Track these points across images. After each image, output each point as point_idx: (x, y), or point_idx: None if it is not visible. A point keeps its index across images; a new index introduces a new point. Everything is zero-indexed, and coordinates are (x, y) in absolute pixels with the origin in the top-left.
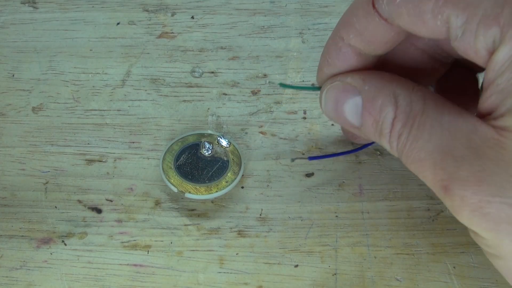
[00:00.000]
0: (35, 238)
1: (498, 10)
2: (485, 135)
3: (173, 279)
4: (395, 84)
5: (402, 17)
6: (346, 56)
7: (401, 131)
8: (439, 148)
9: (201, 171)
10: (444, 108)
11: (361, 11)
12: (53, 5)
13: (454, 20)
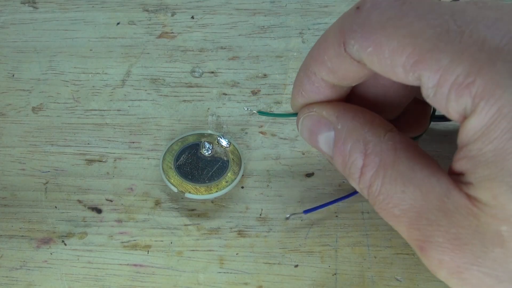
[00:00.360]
0: (35, 238)
1: (471, 79)
2: (458, 202)
3: (173, 279)
4: (367, 128)
5: (374, 64)
6: (320, 89)
7: (372, 181)
8: (413, 208)
9: (201, 171)
10: (415, 162)
11: (333, 52)
12: (53, 5)
13: (426, 80)
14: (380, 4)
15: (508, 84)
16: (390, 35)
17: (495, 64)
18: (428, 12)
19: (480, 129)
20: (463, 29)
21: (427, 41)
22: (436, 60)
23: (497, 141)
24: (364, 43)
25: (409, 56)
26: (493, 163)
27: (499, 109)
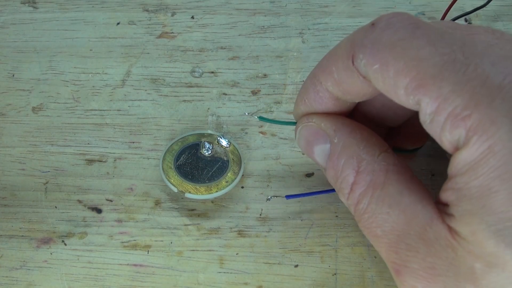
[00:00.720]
0: (35, 238)
1: (468, 112)
2: (439, 233)
3: (173, 279)
4: (362, 146)
5: (378, 82)
6: (323, 99)
7: (359, 198)
8: (394, 231)
9: (201, 171)
10: (405, 186)
11: (341, 64)
12: (53, 5)
13: (424, 106)
14: (394, 24)
15: (503, 122)
16: (397, 55)
17: (494, 100)
18: (439, 39)
19: (469, 163)
20: (469, 61)
21: (432, 67)
22: (438, 88)
23: (484, 177)
24: (372, 59)
25: (412, 79)
26: (476, 199)
27: (490, 146)
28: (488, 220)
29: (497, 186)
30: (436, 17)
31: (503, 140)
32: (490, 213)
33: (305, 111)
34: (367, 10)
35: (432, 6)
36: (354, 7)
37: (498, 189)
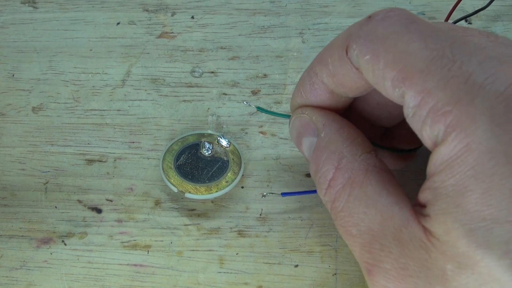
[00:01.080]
0: (35, 238)
1: (449, 108)
2: (414, 234)
3: (173, 279)
4: (346, 143)
5: (368, 73)
6: (318, 92)
7: (337, 196)
8: (370, 231)
9: (201, 171)
10: (383, 187)
11: (336, 54)
12: (53, 5)
13: (408, 99)
14: (390, 18)
15: (482, 120)
16: (388, 48)
17: (475, 98)
18: (431, 35)
19: (446, 160)
20: (456, 59)
21: (419, 61)
22: (422, 81)
23: (460, 176)
24: (364, 49)
25: (399, 72)
26: (452, 198)
27: (468, 144)
28: (462, 219)
29: (472, 185)
30: (436, 17)
31: (481, 138)
32: (464, 212)
33: (300, 103)
34: (367, 10)
35: (432, 6)
36: (354, 7)
37: (472, 188)
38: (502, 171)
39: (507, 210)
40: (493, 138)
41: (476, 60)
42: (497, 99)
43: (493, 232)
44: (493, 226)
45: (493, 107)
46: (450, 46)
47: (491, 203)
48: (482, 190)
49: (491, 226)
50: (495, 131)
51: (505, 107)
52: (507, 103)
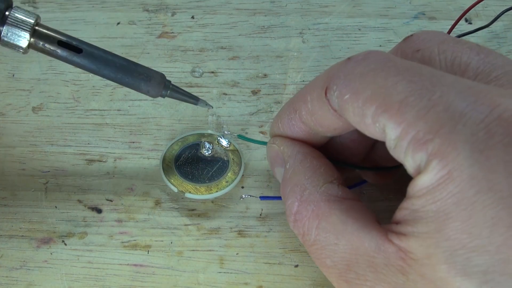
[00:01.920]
0: (35, 238)
1: (430, 136)
2: (389, 257)
3: (173, 279)
4: (308, 175)
5: (348, 113)
6: (295, 128)
7: (305, 229)
8: (344, 261)
9: (201, 171)
10: (348, 215)
11: (315, 94)
12: (53, 5)
13: (389, 131)
14: (368, 58)
15: (463, 148)
16: (366, 85)
17: (456, 126)
18: (409, 70)
19: (428, 186)
20: (436, 89)
21: (398, 94)
22: (402, 113)
23: (441, 203)
24: (343, 90)
25: (378, 106)
26: (433, 224)
27: (449, 171)
28: (443, 246)
29: (453, 212)
30: (436, 17)
31: (462, 166)
32: (445, 238)
33: (277, 133)
34: (367, 10)
35: (432, 6)
36: (354, 7)
37: (454, 216)
38: (483, 199)
39: (487, 239)
40: (474, 165)
41: (456, 90)
42: (477, 126)
43: (473, 260)
44: (473, 255)
45: (474, 133)
46: (429, 79)
47: (472, 232)
48: (463, 217)
49: (471, 255)
50: (476, 158)
51: (486, 134)
52: (487, 129)
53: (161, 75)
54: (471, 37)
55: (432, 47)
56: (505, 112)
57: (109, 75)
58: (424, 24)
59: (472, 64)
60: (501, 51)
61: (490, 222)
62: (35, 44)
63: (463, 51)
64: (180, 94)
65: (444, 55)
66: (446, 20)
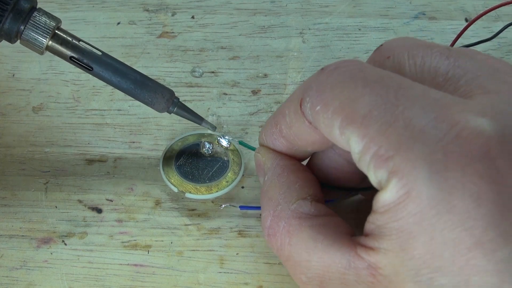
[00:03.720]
0: (36, 238)
1: (390, 153)
2: (359, 274)
3: (173, 279)
4: (283, 190)
5: (320, 124)
6: (277, 142)
7: (278, 245)
8: (317, 277)
9: (202, 171)
10: (319, 231)
11: (293, 106)
12: (53, 5)
13: (353, 144)
14: (340, 68)
15: (422, 167)
16: (335, 95)
17: (414, 144)
18: (377, 81)
19: (389, 204)
20: (399, 103)
21: (363, 107)
22: (365, 127)
23: (403, 221)
24: (315, 100)
25: (344, 118)
26: (396, 242)
27: (408, 191)
28: (409, 264)
29: (415, 231)
30: (436, 17)
31: (421, 186)
32: (411, 257)
33: (262, 144)
34: (367, 10)
35: (432, 6)
36: (355, 7)
37: (416, 235)
38: (443, 221)
39: (449, 260)
40: (433, 186)
41: (419, 104)
42: (436, 145)
43: (437, 280)
44: (437, 275)
45: (432, 153)
46: (395, 91)
47: (434, 252)
48: (425, 238)
49: (434, 275)
50: (434, 179)
51: (444, 154)
52: (445, 149)
53: (170, 92)
54: (476, 47)
55: (402, 53)
56: (463, 131)
57: (119, 87)
58: (424, 24)
59: (442, 69)
60: (501, 51)
61: (451, 243)
62: (53, 47)
63: (433, 56)
64: (186, 112)
65: (414, 60)
66: (446, 20)
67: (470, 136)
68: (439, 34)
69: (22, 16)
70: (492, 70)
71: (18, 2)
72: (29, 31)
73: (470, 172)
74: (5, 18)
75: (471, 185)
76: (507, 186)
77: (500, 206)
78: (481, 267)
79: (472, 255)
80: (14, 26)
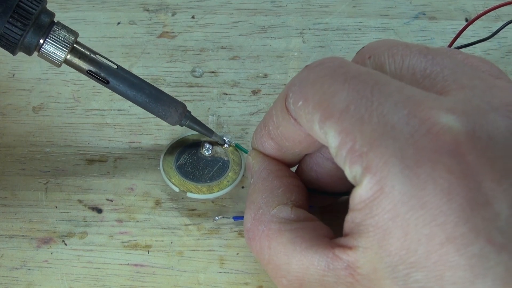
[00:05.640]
0: (36, 238)
1: (365, 149)
2: (339, 275)
3: (173, 279)
4: (265, 194)
5: (302, 120)
6: (266, 145)
7: (258, 248)
8: (297, 280)
9: (202, 171)
10: (298, 235)
11: (279, 105)
12: (53, 4)
13: (330, 139)
14: (322, 65)
15: (394, 163)
16: (316, 90)
17: (387, 140)
18: (355, 77)
19: (365, 200)
20: (374, 99)
21: (340, 102)
22: (342, 122)
23: (378, 218)
24: (297, 96)
25: (323, 113)
26: (375, 238)
27: (381, 187)
28: (386, 261)
29: (390, 228)
30: (436, 17)
31: (394, 182)
32: (388, 254)
33: (254, 147)
34: (367, 10)
35: (432, 6)
36: (355, 7)
37: (392, 231)
38: (416, 217)
39: (424, 256)
40: (405, 183)
41: (393, 100)
42: (407, 141)
43: (412, 276)
44: (412, 271)
45: (404, 149)
46: (371, 87)
47: (409, 248)
48: (400, 234)
49: (410, 270)
50: (406, 175)
51: (415, 150)
52: (416, 145)
53: (183, 105)
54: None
55: (382, 52)
56: (434, 126)
57: (135, 100)
58: (425, 24)
59: (420, 66)
60: (501, 51)
61: (424, 239)
62: (71, 61)
63: (412, 54)
64: (197, 125)
65: (393, 58)
66: (446, 20)
67: (440, 132)
68: (439, 34)
69: (42, 30)
70: (469, 68)
71: (39, 16)
72: (48, 45)
73: (440, 167)
74: (26, 32)
75: (442, 181)
76: (477, 181)
77: (470, 201)
78: (454, 262)
79: (445, 251)
80: (34, 39)
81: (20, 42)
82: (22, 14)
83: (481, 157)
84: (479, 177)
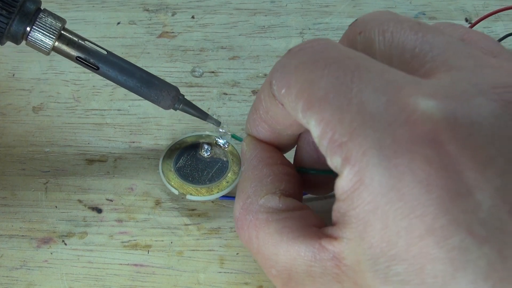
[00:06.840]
0: (35, 237)
1: (344, 139)
2: (325, 266)
3: (173, 279)
4: (254, 183)
5: (287, 107)
6: (259, 127)
7: (247, 238)
8: (286, 270)
9: (201, 172)
10: (285, 225)
11: (266, 90)
12: (53, 5)
13: (312, 128)
14: (305, 49)
15: (372, 154)
16: (297, 78)
17: (365, 130)
18: (335, 62)
19: (346, 191)
20: (354, 86)
21: (320, 89)
22: (322, 111)
23: (359, 209)
24: (280, 83)
25: (304, 101)
26: (356, 230)
27: (361, 178)
28: (368, 253)
29: (371, 220)
30: (436, 17)
31: (372, 172)
32: (369, 246)
33: (248, 133)
34: (367, 10)
35: (432, 6)
36: (355, 7)
37: (372, 223)
38: (395, 209)
39: (403, 248)
40: (383, 174)
41: (372, 86)
42: (386, 130)
43: (392, 269)
44: (393, 263)
45: (382, 139)
46: (351, 73)
47: (389, 240)
48: (380, 226)
49: (391, 263)
50: (385, 166)
51: (393, 139)
52: (394, 135)
53: (176, 89)
54: None
55: (373, 28)
56: (412, 114)
57: (126, 85)
58: None
59: (409, 44)
60: None
61: (404, 231)
62: (59, 48)
63: (402, 31)
64: (191, 108)
65: (384, 36)
66: (446, 20)
67: (419, 120)
68: None
69: (29, 17)
70: (463, 45)
71: (24, 4)
72: (35, 33)
73: (418, 158)
74: (12, 20)
75: (420, 171)
76: (458, 171)
77: (450, 192)
78: (433, 255)
79: (424, 243)
80: (20, 27)
81: (7, 31)
82: (7, 2)
83: (462, 145)
84: (459, 167)
